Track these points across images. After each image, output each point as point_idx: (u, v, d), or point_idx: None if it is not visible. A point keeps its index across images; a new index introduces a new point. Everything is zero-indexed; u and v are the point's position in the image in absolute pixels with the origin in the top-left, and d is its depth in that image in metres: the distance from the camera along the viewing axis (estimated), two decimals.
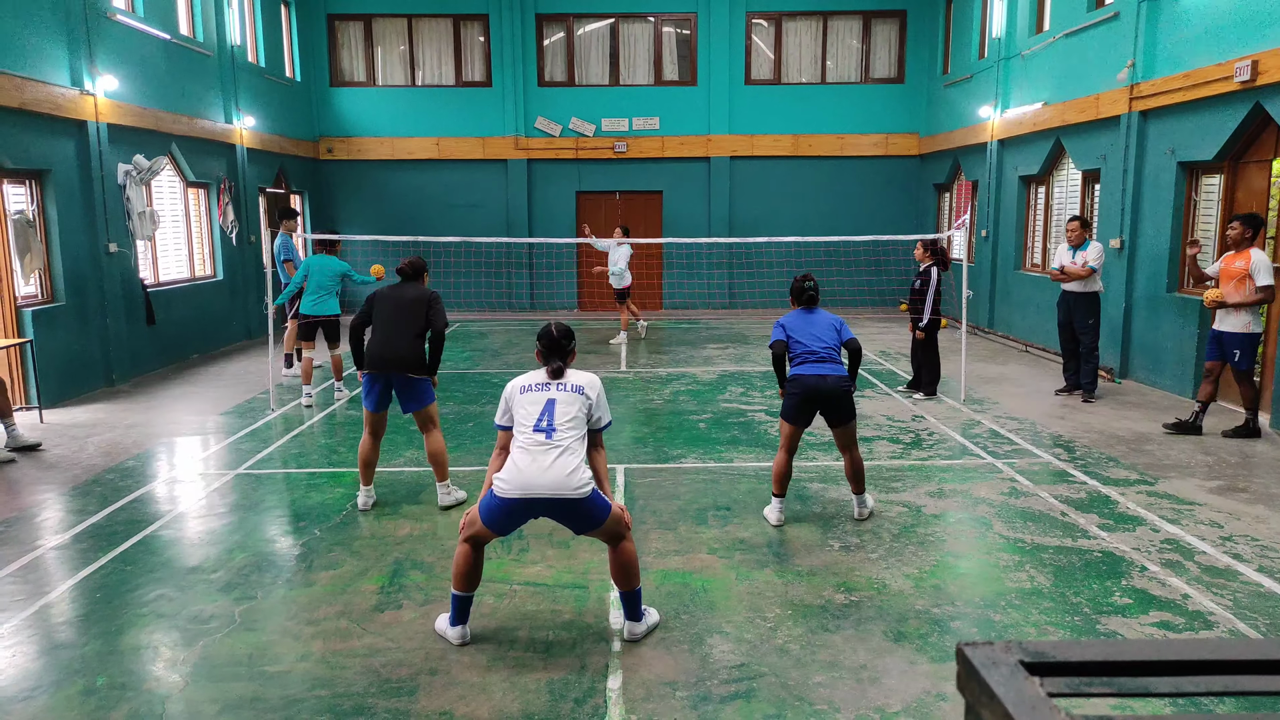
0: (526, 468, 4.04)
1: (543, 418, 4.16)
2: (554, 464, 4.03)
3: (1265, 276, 7.53)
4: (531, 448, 4.09)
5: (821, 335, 5.85)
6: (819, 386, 5.70)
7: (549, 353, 4.35)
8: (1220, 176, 9.29)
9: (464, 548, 4.24)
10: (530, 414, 4.19)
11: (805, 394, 5.74)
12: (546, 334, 4.40)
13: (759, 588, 4.91)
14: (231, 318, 13.99)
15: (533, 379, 4.33)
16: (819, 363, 5.77)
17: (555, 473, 4.02)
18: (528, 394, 4.26)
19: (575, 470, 4.05)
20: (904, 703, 3.77)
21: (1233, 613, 4.55)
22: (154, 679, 4.00)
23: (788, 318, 6.02)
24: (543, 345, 4.37)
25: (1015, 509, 6.16)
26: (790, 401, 5.81)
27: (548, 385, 4.27)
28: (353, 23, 17.89)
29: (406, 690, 3.89)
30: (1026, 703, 0.85)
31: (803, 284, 6.05)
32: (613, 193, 18.33)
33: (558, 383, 4.28)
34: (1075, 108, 11.63)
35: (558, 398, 4.22)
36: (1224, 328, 7.76)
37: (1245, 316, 7.65)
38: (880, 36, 18.09)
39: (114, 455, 7.65)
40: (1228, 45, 8.76)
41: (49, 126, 9.66)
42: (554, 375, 4.31)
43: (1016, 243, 13.98)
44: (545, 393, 4.24)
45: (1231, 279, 7.71)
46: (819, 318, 5.95)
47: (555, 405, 4.20)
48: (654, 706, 3.75)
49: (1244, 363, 7.70)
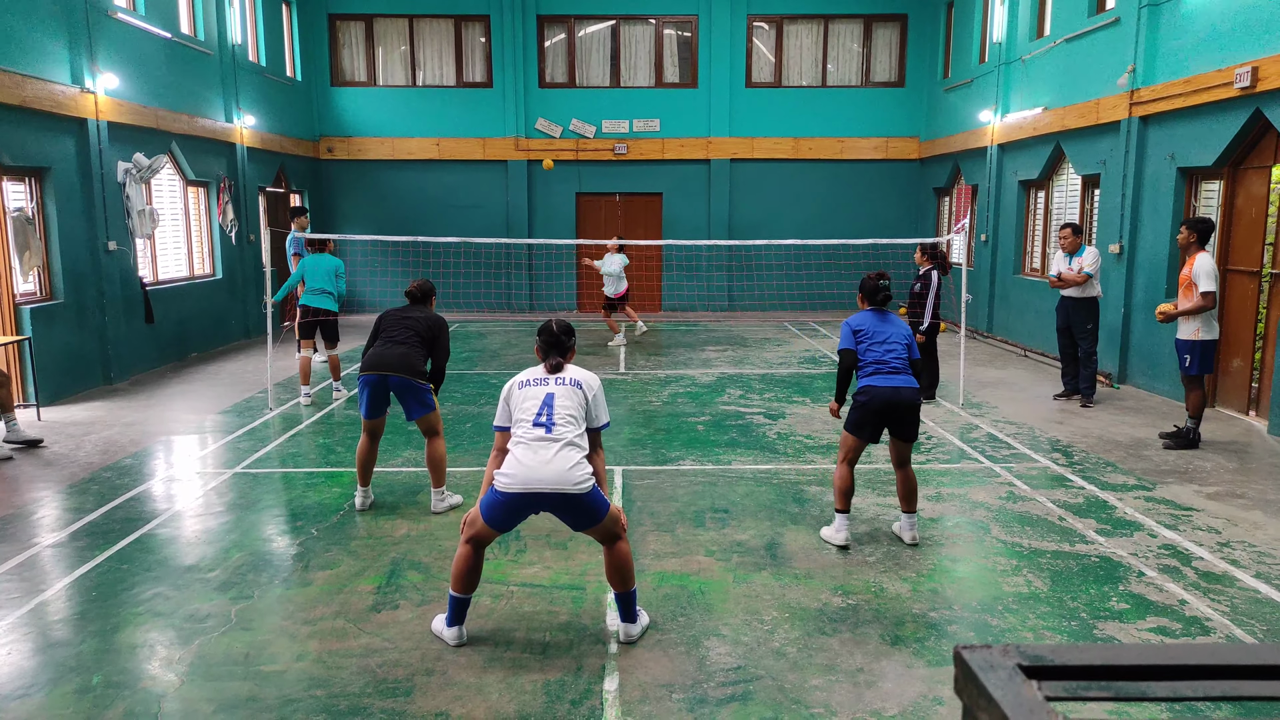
0: (528, 461, 4.05)
1: (542, 412, 4.17)
2: (555, 458, 4.04)
3: (1206, 283, 7.41)
4: (532, 442, 4.09)
5: (895, 348, 5.42)
6: (894, 400, 5.32)
7: (548, 348, 4.37)
8: (1220, 182, 9.30)
9: (465, 549, 4.23)
10: (529, 409, 4.19)
11: (878, 406, 5.33)
12: (547, 330, 4.41)
13: (756, 590, 4.90)
14: (230, 317, 13.98)
15: (531, 374, 4.33)
16: (892, 374, 5.38)
17: (557, 466, 4.02)
18: (526, 389, 4.27)
19: (576, 465, 4.06)
20: (901, 706, 3.77)
21: (1229, 618, 4.55)
22: (150, 677, 4.00)
23: (860, 321, 5.51)
24: (542, 341, 4.39)
25: (1013, 513, 6.16)
26: (860, 414, 5.40)
27: (546, 380, 4.27)
28: (354, 22, 17.89)
29: (403, 691, 3.88)
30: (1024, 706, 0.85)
31: (877, 282, 5.56)
32: (613, 194, 18.33)
33: (556, 377, 4.28)
34: (1075, 113, 11.64)
35: (556, 392, 4.22)
36: (1178, 335, 7.73)
37: (1194, 323, 7.58)
38: (881, 40, 18.11)
39: (111, 453, 7.64)
40: (1228, 51, 8.77)
41: (49, 124, 9.65)
42: (553, 370, 4.31)
43: (1016, 247, 13.99)
44: (544, 387, 4.24)
45: (1181, 285, 7.67)
46: (893, 325, 5.50)
47: (554, 399, 4.19)
48: (650, 709, 3.75)
49: (1194, 368, 7.60)
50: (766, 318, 17.24)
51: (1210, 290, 7.43)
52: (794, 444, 7.99)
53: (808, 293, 16.21)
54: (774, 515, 6.10)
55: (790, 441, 8.07)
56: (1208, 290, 7.43)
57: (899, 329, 5.54)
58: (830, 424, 8.71)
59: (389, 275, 17.60)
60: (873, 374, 5.41)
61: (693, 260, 17.93)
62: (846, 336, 5.50)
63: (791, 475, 7.04)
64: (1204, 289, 7.43)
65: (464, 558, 4.23)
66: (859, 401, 5.44)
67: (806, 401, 9.78)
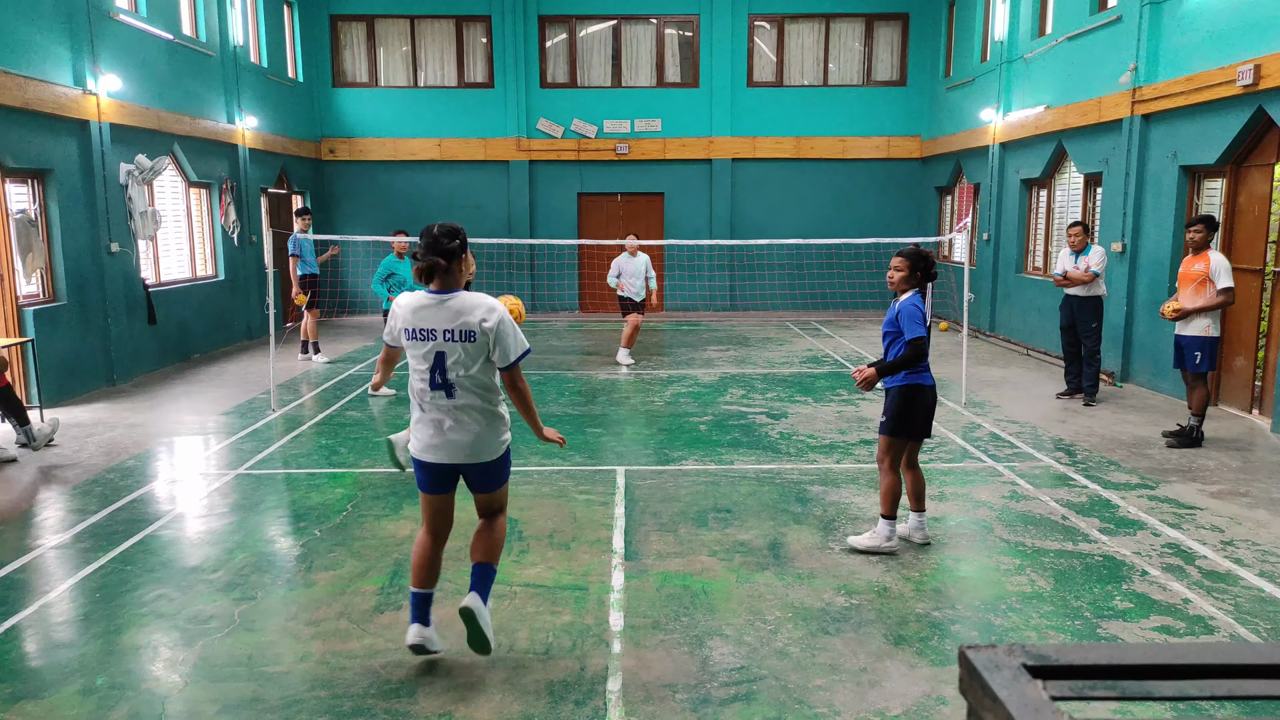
0: (433, 434, 3.82)
1: (435, 371, 3.78)
2: (460, 428, 3.81)
3: (1226, 279, 7.46)
4: (433, 409, 3.81)
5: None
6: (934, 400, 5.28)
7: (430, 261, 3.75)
8: (1222, 180, 9.29)
9: (422, 538, 4.06)
10: (421, 366, 3.81)
11: (930, 403, 5.27)
12: (426, 233, 3.81)
13: (759, 590, 4.90)
14: (233, 318, 13.99)
15: (419, 317, 3.79)
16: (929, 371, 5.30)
17: (462, 437, 3.82)
18: (414, 343, 3.81)
19: (482, 433, 3.84)
20: (904, 706, 3.76)
21: (1234, 617, 4.55)
22: (154, 679, 4.00)
23: (923, 305, 5.23)
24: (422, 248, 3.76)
25: (1016, 512, 6.15)
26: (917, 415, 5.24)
27: (433, 334, 3.76)
28: (355, 23, 17.90)
29: (406, 692, 3.88)
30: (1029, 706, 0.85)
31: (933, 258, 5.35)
32: (614, 194, 18.33)
33: (445, 330, 3.75)
34: (1077, 111, 11.63)
35: (447, 351, 3.76)
36: (1184, 332, 7.70)
37: (1205, 320, 7.59)
38: (882, 39, 18.10)
39: (114, 455, 7.65)
40: (1230, 49, 8.75)
41: (51, 126, 9.67)
42: (441, 289, 3.79)
43: (1018, 246, 13.97)
44: (432, 344, 3.77)
45: (1190, 283, 7.66)
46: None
47: (446, 360, 3.77)
48: (654, 709, 3.75)
49: (1204, 365, 7.60)
50: (768, 317, 17.23)
51: (1231, 285, 7.46)
52: (796, 444, 7.99)
53: (810, 292, 16.20)
54: (777, 515, 6.10)
55: (793, 441, 8.07)
56: (1228, 286, 7.45)
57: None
58: (832, 424, 8.71)
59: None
60: (924, 371, 5.26)
61: (695, 260, 17.92)
62: (920, 321, 5.11)
63: (794, 475, 7.03)
64: (1224, 285, 7.45)
65: (419, 546, 4.04)
66: (910, 402, 5.20)
67: (809, 401, 9.78)
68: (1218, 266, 7.49)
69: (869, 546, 5.37)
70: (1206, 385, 7.75)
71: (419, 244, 3.77)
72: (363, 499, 6.47)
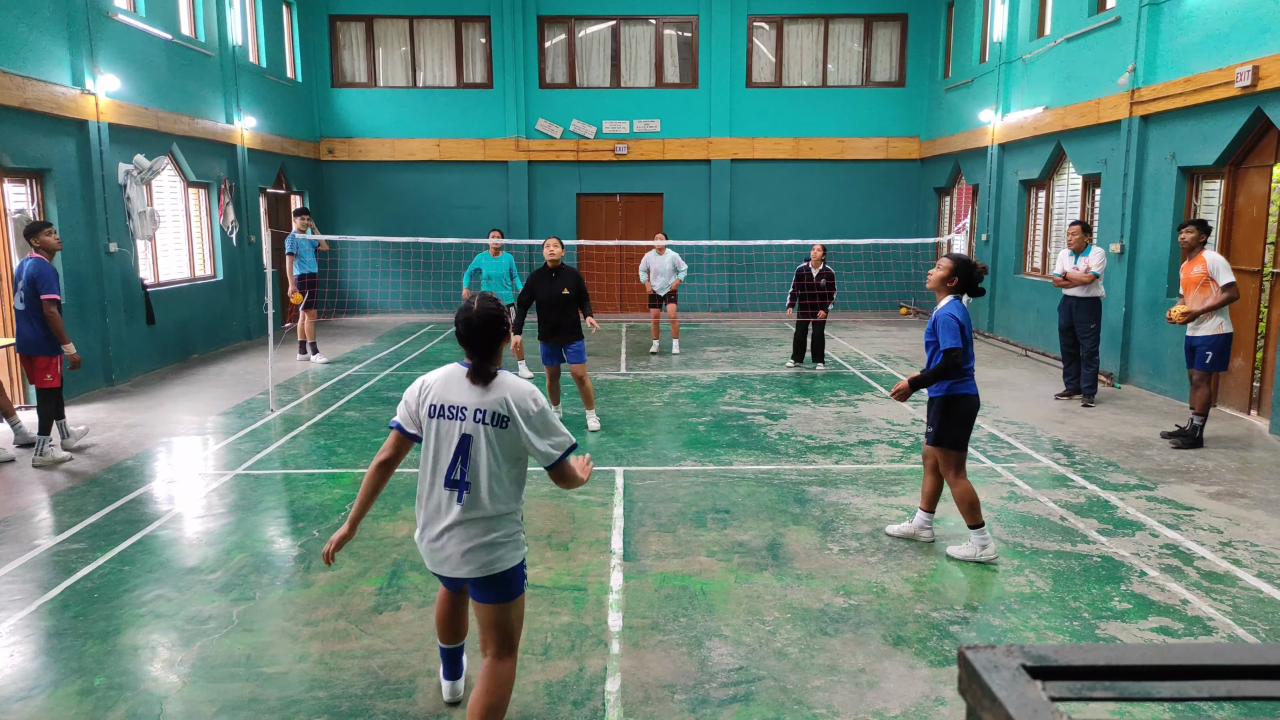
0: (432, 543, 3.23)
1: (455, 465, 3.17)
2: (466, 536, 3.17)
3: (1226, 275, 7.51)
4: (441, 510, 3.20)
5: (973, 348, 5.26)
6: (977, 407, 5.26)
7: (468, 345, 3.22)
8: (1221, 182, 9.30)
9: (441, 594, 3.69)
10: (441, 453, 3.20)
11: (972, 412, 5.25)
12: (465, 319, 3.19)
13: (758, 591, 4.90)
14: (231, 318, 13.98)
15: (447, 392, 3.22)
16: (972, 379, 5.27)
17: (466, 548, 3.17)
18: (440, 421, 3.21)
19: (499, 543, 3.21)
20: (903, 707, 3.76)
21: (1232, 618, 4.55)
22: (152, 679, 4.00)
23: (963, 314, 5.13)
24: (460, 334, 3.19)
25: (1014, 513, 6.15)
26: (960, 425, 5.20)
27: (463, 411, 3.18)
28: (354, 23, 17.90)
29: (404, 692, 3.88)
30: (1029, 707, 0.85)
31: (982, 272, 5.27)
32: (613, 195, 18.34)
33: (477, 409, 3.17)
34: (1076, 112, 11.64)
35: (474, 434, 3.16)
36: (1195, 333, 7.71)
37: (1216, 318, 7.61)
38: (881, 40, 18.11)
39: (113, 455, 7.64)
40: (1229, 50, 8.76)
41: (50, 126, 9.66)
42: (475, 381, 3.21)
43: (1017, 247, 13.98)
44: (459, 423, 3.18)
45: (1193, 286, 7.68)
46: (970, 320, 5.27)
47: (471, 445, 3.16)
48: (652, 709, 3.74)
49: (1215, 364, 7.63)
50: (767, 318, 17.23)
51: (1232, 280, 7.48)
52: (795, 444, 7.99)
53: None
54: (775, 516, 6.10)
55: (791, 442, 8.07)
56: (1229, 281, 7.47)
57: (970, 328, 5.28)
58: (830, 424, 8.71)
59: (390, 276, 17.62)
60: (969, 380, 5.23)
61: (693, 260, 17.92)
62: (956, 332, 5.04)
63: (793, 476, 7.04)
64: (1225, 281, 7.48)
65: (439, 603, 3.71)
66: (949, 411, 5.18)
67: (808, 402, 9.78)
68: (1215, 265, 7.52)
69: (965, 556, 5.30)
70: (1209, 385, 7.77)
71: (458, 327, 3.21)
72: None
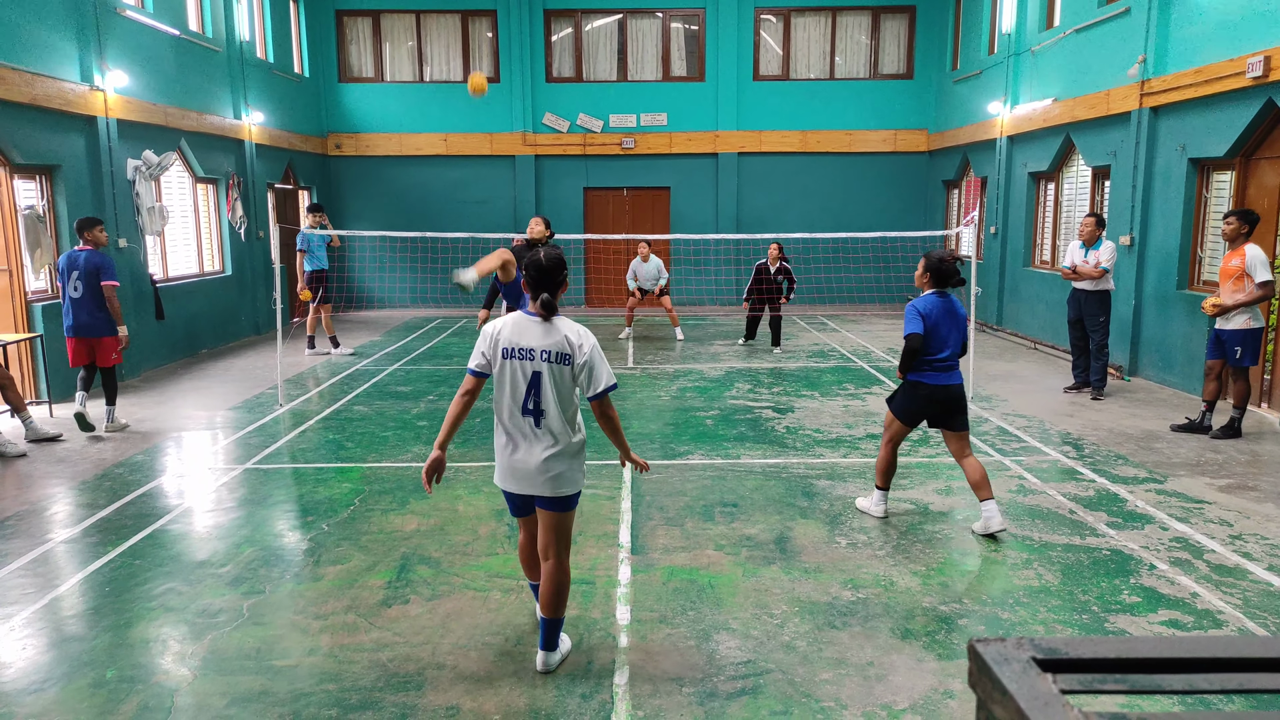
0: (515, 459, 3.86)
1: (529, 397, 3.80)
2: (542, 457, 3.81)
3: (1263, 272, 7.42)
4: (519, 436, 3.85)
5: (953, 341, 5.47)
6: (943, 398, 5.51)
7: (536, 284, 3.85)
8: (1232, 173, 9.23)
9: (522, 539, 4.22)
10: (516, 389, 3.81)
11: (927, 400, 5.52)
12: (535, 262, 3.86)
13: (765, 584, 4.90)
14: (240, 313, 14.03)
15: (518, 336, 3.82)
16: (944, 372, 5.49)
17: (541, 469, 3.82)
18: (512, 362, 3.81)
19: (561, 471, 3.84)
20: (911, 700, 3.76)
21: (1242, 611, 4.53)
22: (163, 672, 4.02)
23: (926, 305, 5.47)
24: (529, 275, 3.84)
25: (1023, 506, 6.14)
26: (909, 403, 5.58)
27: (532, 353, 3.79)
28: (361, 18, 17.90)
29: (414, 685, 3.90)
30: (1039, 699, 0.85)
31: (952, 265, 5.51)
32: (620, 189, 18.32)
33: (543, 350, 3.79)
34: (1085, 104, 11.57)
35: (544, 371, 3.79)
36: (1224, 326, 7.67)
37: (1244, 314, 7.57)
38: (889, 32, 18.03)
39: (123, 450, 7.68)
40: (1240, 41, 8.70)
41: (59, 122, 9.69)
42: (544, 318, 3.82)
43: (1025, 239, 13.92)
44: (531, 364, 3.80)
45: (1229, 277, 7.61)
46: (956, 312, 5.51)
47: (542, 381, 3.79)
48: (660, 702, 3.75)
49: (1246, 359, 7.60)
50: None
51: (1269, 279, 7.41)
52: (803, 438, 7.98)
53: (816, 286, 16.17)
54: (783, 509, 6.10)
55: (799, 435, 8.07)
56: (1266, 280, 7.41)
57: (961, 314, 5.54)
58: (838, 418, 8.70)
59: (397, 271, 17.65)
60: (926, 369, 5.50)
61: (701, 254, 17.91)
62: (914, 320, 5.42)
63: (800, 469, 7.03)
64: (1261, 278, 7.41)
65: (521, 547, 4.23)
66: (909, 391, 5.58)
67: (816, 395, 9.77)
68: (1254, 260, 7.43)
69: (863, 506, 6.02)
70: (1247, 379, 7.77)
71: (526, 271, 3.84)
72: (370, 493, 6.48)
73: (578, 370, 3.81)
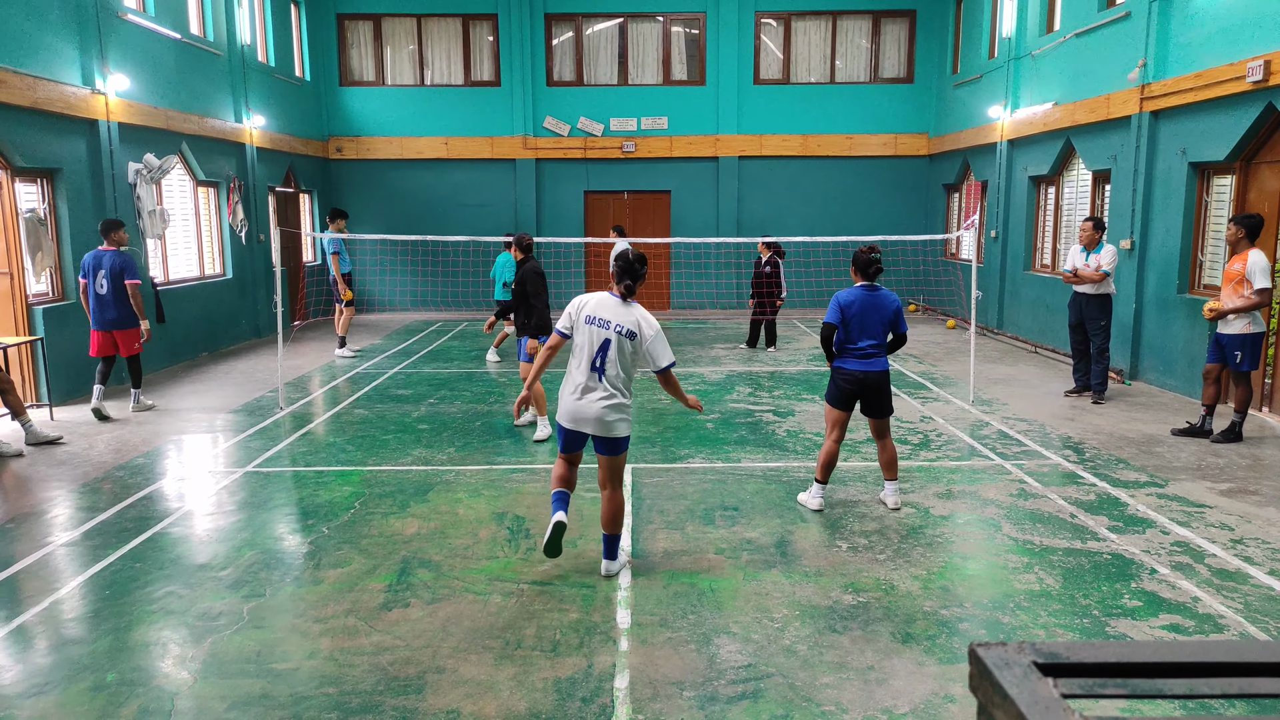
0: (579, 402, 4.79)
1: (598, 358, 4.76)
2: (600, 403, 4.75)
3: (1262, 279, 7.40)
4: (585, 385, 4.79)
5: (875, 331, 5.83)
6: (863, 382, 5.87)
7: (622, 274, 4.87)
8: (1232, 177, 9.24)
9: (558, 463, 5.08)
10: (589, 349, 4.77)
11: (849, 384, 5.90)
12: (623, 257, 4.91)
13: (766, 588, 4.90)
14: (240, 316, 14.03)
15: (600, 309, 4.82)
16: (864, 359, 5.85)
17: (599, 412, 4.76)
18: (592, 327, 4.79)
19: (618, 416, 4.79)
20: (912, 704, 3.76)
21: (1243, 616, 4.53)
22: (163, 675, 4.02)
23: (847, 298, 5.86)
24: (618, 268, 4.87)
25: (1024, 510, 6.13)
26: (834, 389, 5.98)
27: (608, 325, 4.76)
28: (362, 22, 17.93)
29: (414, 688, 3.89)
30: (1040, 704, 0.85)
31: (869, 256, 5.87)
32: (621, 192, 18.33)
33: (616, 324, 4.75)
34: (1086, 108, 11.59)
35: (613, 340, 4.75)
36: (1224, 330, 7.68)
37: (1244, 318, 7.57)
38: (890, 36, 18.05)
39: (124, 452, 7.68)
40: (1240, 45, 8.71)
41: (60, 125, 9.70)
42: (624, 296, 4.83)
43: (1026, 243, 13.93)
44: (605, 332, 4.77)
45: (1230, 281, 7.61)
46: (881, 304, 5.84)
47: (609, 348, 4.75)
48: (661, 706, 3.75)
49: (1246, 364, 7.59)
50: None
51: (1266, 287, 7.40)
52: (803, 441, 7.98)
53: (816, 290, 16.17)
54: (784, 513, 6.10)
55: (799, 439, 8.06)
56: (1264, 287, 7.40)
57: (885, 308, 5.86)
58: None
59: (398, 274, 17.66)
60: (848, 356, 5.89)
61: (701, 258, 17.92)
62: (832, 311, 5.88)
63: (801, 473, 7.03)
64: (1259, 285, 7.40)
65: (557, 467, 5.08)
66: (833, 378, 5.99)
67: (816, 399, 9.77)
68: (1254, 266, 7.42)
69: (802, 502, 6.22)
70: (1249, 383, 7.76)
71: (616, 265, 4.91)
72: (370, 497, 6.48)
73: (639, 346, 4.80)
